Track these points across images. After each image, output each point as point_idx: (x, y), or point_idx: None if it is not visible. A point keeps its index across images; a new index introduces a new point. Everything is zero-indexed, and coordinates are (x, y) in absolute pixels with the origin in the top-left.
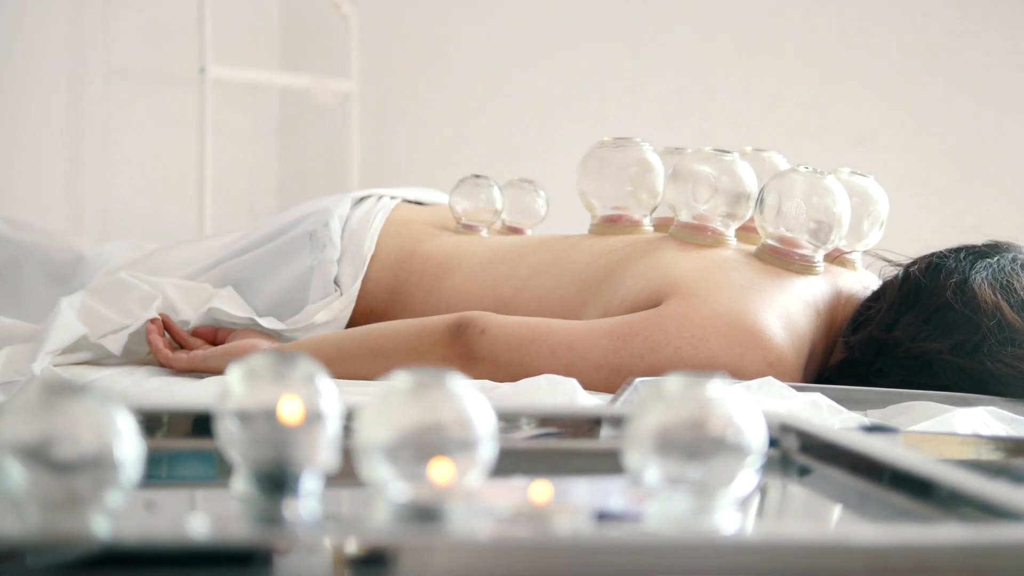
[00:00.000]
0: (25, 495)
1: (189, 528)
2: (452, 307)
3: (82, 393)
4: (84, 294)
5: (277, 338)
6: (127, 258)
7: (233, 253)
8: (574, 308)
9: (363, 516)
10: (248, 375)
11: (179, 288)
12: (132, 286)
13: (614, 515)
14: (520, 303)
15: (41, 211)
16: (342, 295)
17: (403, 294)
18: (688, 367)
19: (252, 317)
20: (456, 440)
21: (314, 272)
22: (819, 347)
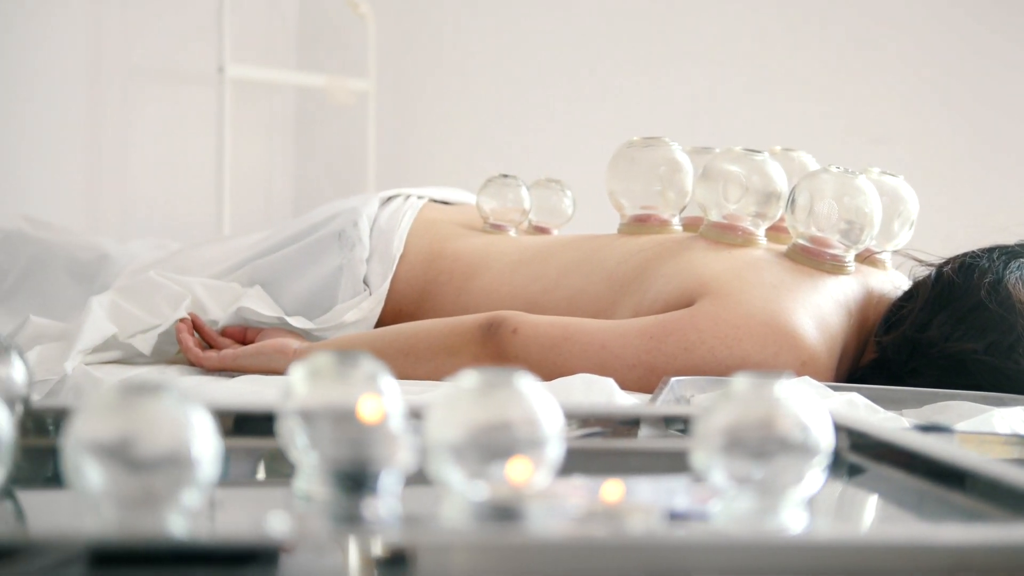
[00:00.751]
0: (103, 494)
1: (269, 527)
2: (482, 307)
3: (160, 392)
4: (113, 293)
5: (306, 337)
6: (151, 257)
7: (260, 252)
8: (604, 308)
9: (444, 515)
10: (313, 374)
11: (208, 288)
12: (161, 286)
13: (683, 515)
14: (550, 303)
15: (60, 210)
16: (371, 294)
17: (432, 294)
18: (721, 367)
19: (281, 316)
20: (524, 439)
21: (343, 271)
22: (850, 347)
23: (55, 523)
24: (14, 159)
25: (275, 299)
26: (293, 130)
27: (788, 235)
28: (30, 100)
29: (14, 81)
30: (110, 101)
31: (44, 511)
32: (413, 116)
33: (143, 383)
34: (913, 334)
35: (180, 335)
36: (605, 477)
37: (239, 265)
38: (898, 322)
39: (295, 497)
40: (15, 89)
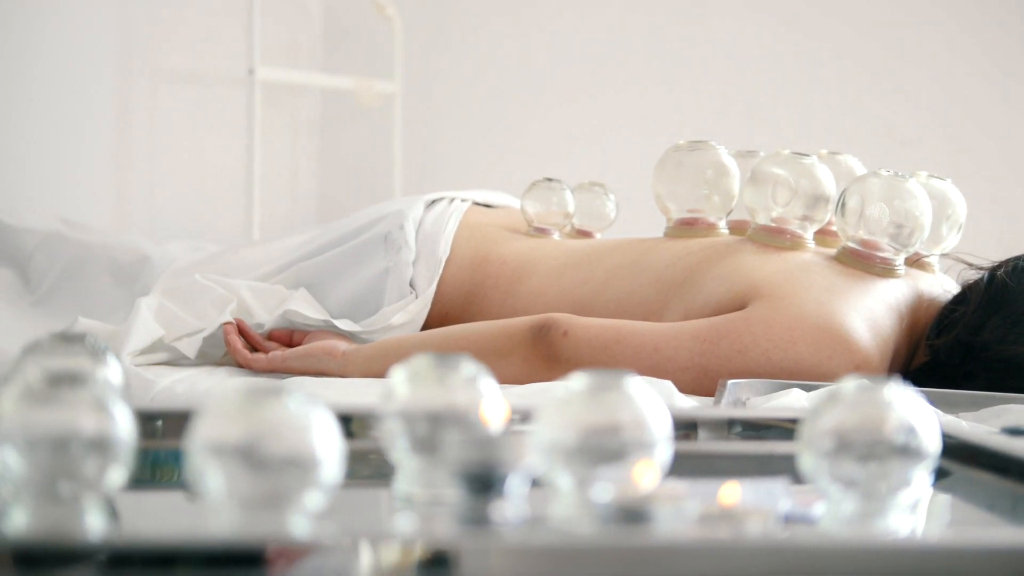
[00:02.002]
0: (227, 495)
1: (394, 527)
2: (529, 310)
3: (283, 394)
4: (160, 295)
5: (353, 340)
6: (191, 259)
7: (305, 255)
8: (653, 310)
9: (573, 518)
10: (414, 376)
11: (253, 290)
12: (207, 289)
13: (793, 517)
14: (598, 305)
15: (88, 212)
16: (418, 297)
17: (479, 297)
18: (775, 369)
19: (328, 319)
20: (635, 442)
21: (390, 274)
22: (901, 350)
23: (182, 526)
24: (43, 161)
25: (320, 301)
26: (318, 132)
27: (835, 238)
28: (59, 102)
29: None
30: (138, 103)
31: (165, 513)
32: (439, 118)
33: (266, 385)
34: (967, 337)
35: (228, 337)
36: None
37: (284, 267)
38: (950, 325)
39: (396, 499)
40: (44, 91)
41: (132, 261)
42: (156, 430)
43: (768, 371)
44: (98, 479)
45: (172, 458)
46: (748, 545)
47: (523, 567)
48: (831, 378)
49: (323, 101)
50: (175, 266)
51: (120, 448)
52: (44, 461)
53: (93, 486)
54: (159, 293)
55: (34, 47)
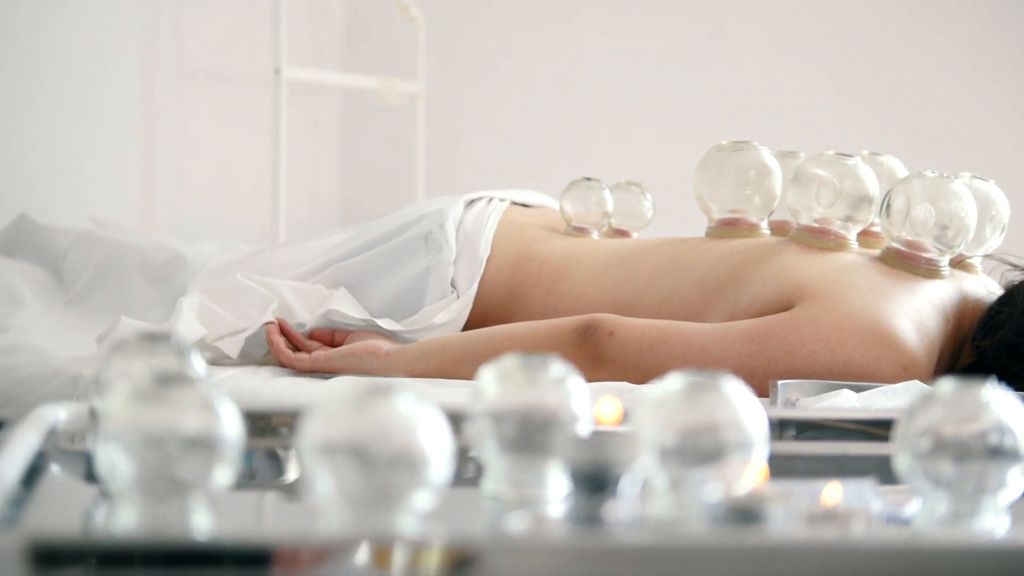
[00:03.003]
0: (337, 495)
1: (509, 527)
2: (571, 309)
3: (393, 393)
4: (201, 295)
5: (395, 339)
6: (226, 259)
7: (344, 254)
8: (697, 311)
9: (685, 518)
10: (503, 376)
11: (294, 290)
12: (248, 288)
13: (892, 518)
14: (641, 305)
15: (114, 211)
16: (459, 297)
17: (520, 296)
18: (823, 370)
19: (370, 319)
20: (732, 442)
21: (431, 274)
22: (946, 351)
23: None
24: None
25: (360, 300)
26: (341, 132)
27: (876, 239)
28: (85, 102)
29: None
30: (164, 103)
31: (265, 512)
32: (462, 119)
33: (376, 385)
34: (1014, 338)
35: (271, 336)
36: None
37: (322, 267)
38: (997, 326)
39: (484, 498)
40: (71, 91)
41: (166, 260)
42: (263, 429)
43: (815, 372)
44: (205, 478)
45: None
46: (866, 546)
47: (639, 568)
48: (878, 379)
49: (346, 101)
50: (210, 265)
51: (227, 448)
52: (152, 460)
53: (200, 485)
54: (200, 293)
55: (61, 48)
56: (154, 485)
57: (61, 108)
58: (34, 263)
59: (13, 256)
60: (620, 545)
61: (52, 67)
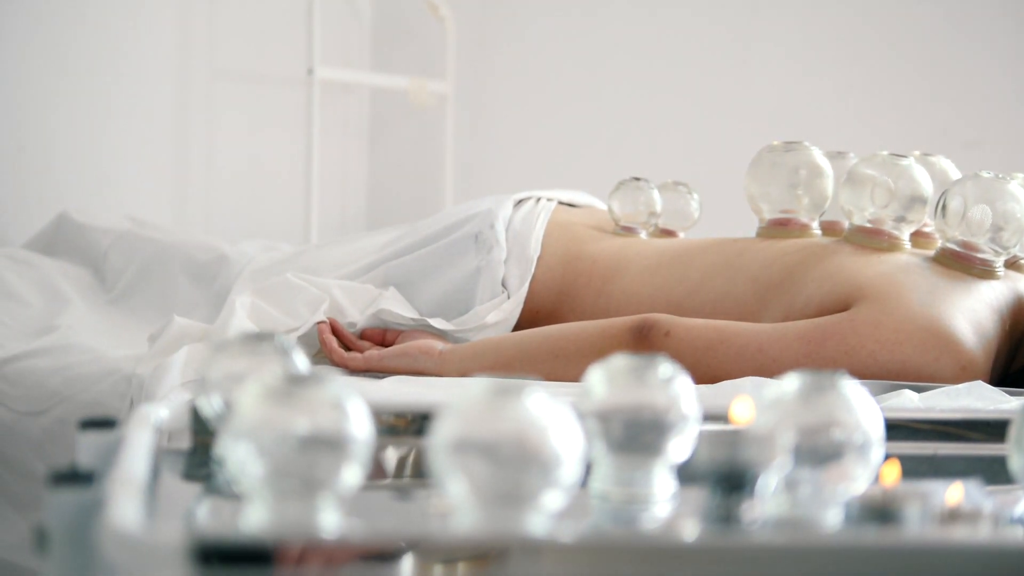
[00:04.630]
0: (469, 493)
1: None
2: (622, 309)
3: (525, 393)
4: (253, 295)
5: (447, 339)
6: (269, 258)
7: (393, 254)
8: (751, 311)
9: (817, 517)
10: (611, 376)
11: (344, 289)
12: (300, 288)
13: (1010, 518)
14: (693, 305)
15: (148, 211)
16: (510, 296)
17: (570, 295)
18: (881, 371)
19: (422, 318)
20: (850, 442)
21: (481, 273)
22: (1003, 352)
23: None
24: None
25: (409, 300)
26: (368, 132)
27: (928, 239)
28: (118, 103)
29: (102, 84)
30: (197, 103)
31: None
32: (491, 119)
33: (510, 384)
34: None
35: (323, 336)
36: None
37: (371, 267)
38: None
39: (592, 497)
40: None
41: (209, 260)
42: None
43: (874, 372)
44: (335, 478)
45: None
46: (1002, 546)
47: (783, 567)
48: (937, 379)
49: (373, 101)
50: (254, 265)
51: (357, 447)
52: (285, 460)
53: (330, 485)
54: (251, 291)
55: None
56: (285, 484)
57: (95, 108)
58: (75, 262)
59: (53, 255)
60: (762, 545)
61: (87, 68)
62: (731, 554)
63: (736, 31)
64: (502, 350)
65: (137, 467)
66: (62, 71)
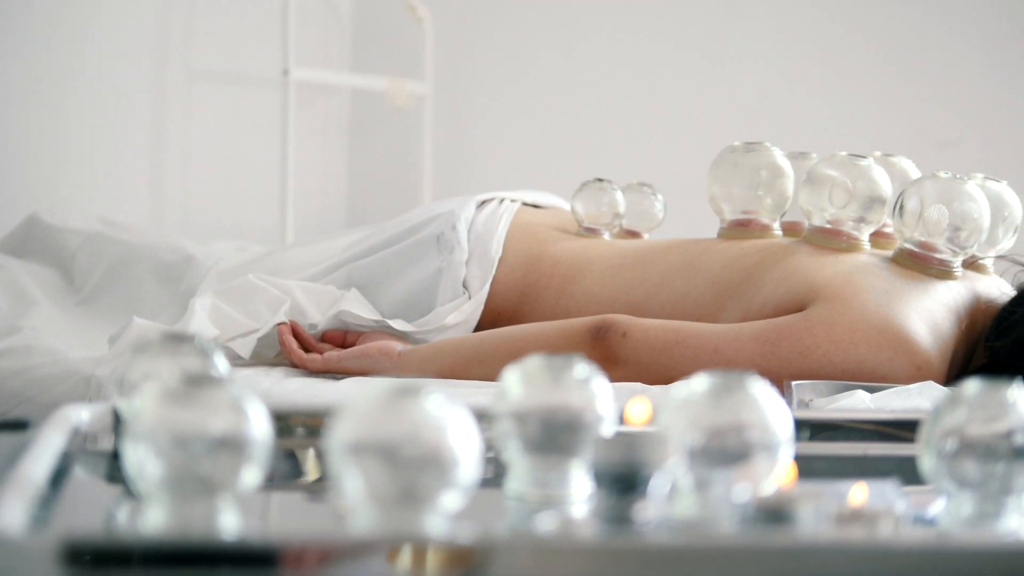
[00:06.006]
0: (365, 495)
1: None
2: (583, 310)
3: (422, 395)
4: (214, 296)
5: (407, 340)
6: (237, 259)
7: (356, 255)
8: (710, 312)
9: (713, 518)
10: (527, 377)
11: (306, 291)
12: (261, 289)
13: (917, 519)
14: (653, 306)
15: (124, 212)
16: (471, 297)
17: (532, 296)
18: (836, 371)
19: (383, 320)
20: (758, 443)
21: (442, 274)
22: (959, 352)
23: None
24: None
25: (372, 301)
26: (349, 133)
27: (888, 240)
28: (95, 103)
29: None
30: (174, 103)
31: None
32: (470, 119)
33: (406, 386)
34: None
35: (283, 337)
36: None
37: (334, 268)
38: (1011, 327)
39: (508, 498)
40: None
41: (176, 261)
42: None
43: (829, 372)
44: (234, 479)
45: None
46: (896, 547)
47: (674, 569)
48: (892, 380)
49: (354, 102)
50: (221, 266)
51: (256, 448)
52: (182, 461)
53: (228, 486)
54: (212, 293)
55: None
56: (182, 485)
57: (71, 109)
58: (44, 264)
59: (23, 257)
60: (650, 545)
61: (62, 68)
62: (613, 556)
63: (713, 33)
64: (461, 351)
65: (35, 469)
66: (38, 72)
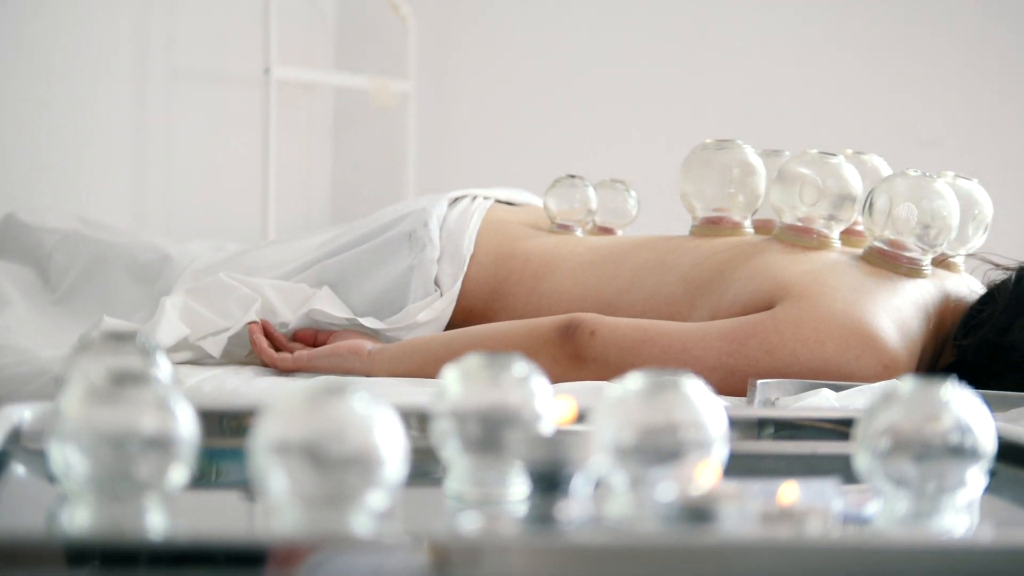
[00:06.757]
0: (290, 494)
1: (459, 527)
2: (554, 307)
3: (347, 393)
4: (185, 295)
5: (378, 338)
6: (213, 258)
7: (329, 253)
8: (680, 310)
9: (637, 518)
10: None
11: (277, 289)
12: (232, 288)
13: (847, 517)
14: (624, 304)
15: (105, 211)
16: (442, 295)
17: (503, 293)
18: (803, 369)
19: (353, 318)
20: (692, 442)
21: (414, 272)
22: (927, 350)
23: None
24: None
25: (344, 299)
26: (332, 132)
27: (860, 238)
28: (76, 102)
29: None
30: (155, 102)
31: (225, 511)
32: (454, 118)
33: (331, 385)
34: (994, 337)
35: (254, 336)
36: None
37: (307, 266)
38: (978, 325)
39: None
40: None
41: (152, 260)
42: (218, 428)
43: (796, 371)
44: (161, 478)
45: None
46: (819, 545)
47: (591, 567)
48: (859, 378)
49: (337, 101)
50: (196, 265)
51: (182, 447)
52: (107, 460)
53: (156, 484)
54: (183, 292)
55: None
56: (108, 484)
57: (52, 107)
58: (20, 263)
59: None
60: (566, 545)
61: (43, 66)
62: (532, 555)
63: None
64: (430, 349)
65: None
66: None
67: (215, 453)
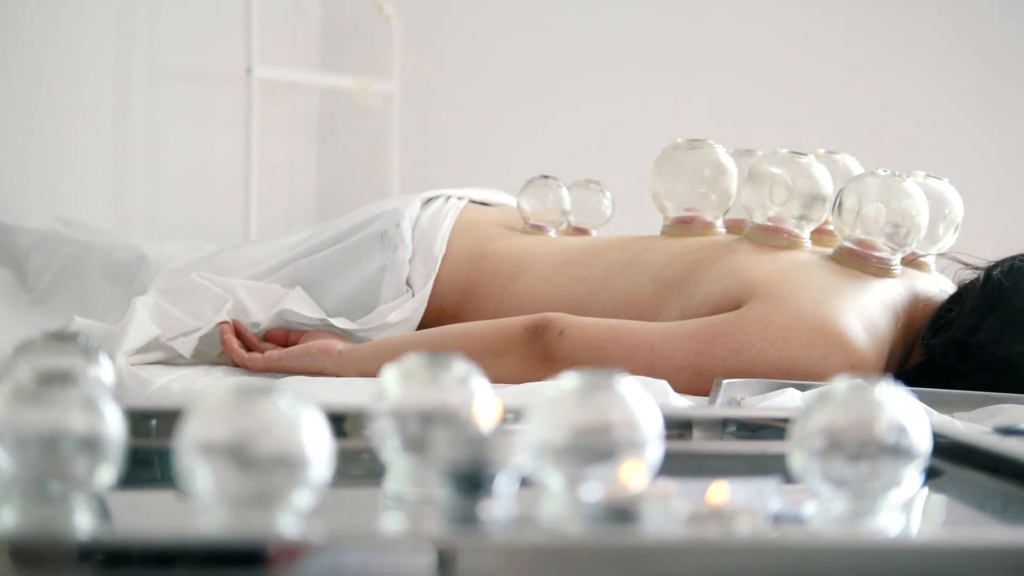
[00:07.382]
0: (216, 494)
1: (382, 527)
2: (526, 307)
3: (273, 393)
4: (156, 295)
5: (349, 338)
6: (189, 258)
7: (302, 253)
8: (651, 310)
9: (562, 518)
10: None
11: (249, 289)
12: (203, 288)
13: (783, 517)
14: (595, 304)
15: (87, 211)
16: (414, 295)
17: (475, 294)
18: (771, 369)
19: (324, 318)
20: (625, 441)
21: (386, 272)
22: (896, 350)
23: (170, 525)
24: (42, 160)
25: (316, 300)
26: (316, 132)
27: (831, 237)
28: (58, 101)
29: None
30: (137, 101)
31: (154, 512)
32: (438, 118)
33: (256, 385)
34: (962, 337)
35: (224, 336)
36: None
37: (280, 266)
38: (946, 325)
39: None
40: (43, 90)
41: (128, 260)
42: (150, 429)
43: (764, 371)
44: (88, 478)
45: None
46: (735, 544)
47: (512, 567)
48: (827, 378)
49: (322, 100)
50: (171, 265)
51: (110, 447)
52: (33, 460)
53: (82, 485)
54: (155, 292)
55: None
56: (34, 485)
57: (34, 106)
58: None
59: None
60: (480, 544)
61: (25, 66)
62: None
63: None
64: (400, 350)
65: None
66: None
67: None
